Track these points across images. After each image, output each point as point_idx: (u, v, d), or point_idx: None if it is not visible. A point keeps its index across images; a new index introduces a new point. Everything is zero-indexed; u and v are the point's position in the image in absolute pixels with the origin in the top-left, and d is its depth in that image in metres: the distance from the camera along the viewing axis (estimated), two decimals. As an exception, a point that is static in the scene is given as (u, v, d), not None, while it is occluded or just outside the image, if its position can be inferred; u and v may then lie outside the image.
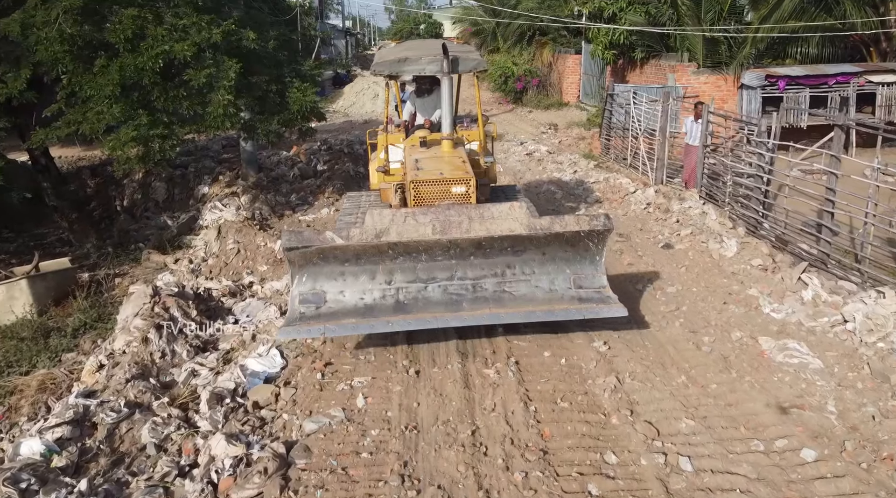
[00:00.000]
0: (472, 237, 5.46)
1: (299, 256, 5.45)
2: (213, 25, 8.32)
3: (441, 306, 5.56)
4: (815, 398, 5.04)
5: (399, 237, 5.41)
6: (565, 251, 5.71)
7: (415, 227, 5.42)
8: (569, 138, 18.22)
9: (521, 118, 23.20)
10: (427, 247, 5.52)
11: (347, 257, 5.54)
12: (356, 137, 19.88)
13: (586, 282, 5.75)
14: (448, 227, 5.43)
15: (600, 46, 17.29)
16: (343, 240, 5.41)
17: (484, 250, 5.61)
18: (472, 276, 5.68)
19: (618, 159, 14.42)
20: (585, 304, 5.63)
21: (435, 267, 5.65)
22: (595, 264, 5.80)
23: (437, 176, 6.25)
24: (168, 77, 8.39)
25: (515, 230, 5.49)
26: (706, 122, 10.58)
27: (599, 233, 5.63)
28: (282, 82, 9.46)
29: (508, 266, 5.72)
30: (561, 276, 5.75)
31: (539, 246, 5.66)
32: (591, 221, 5.62)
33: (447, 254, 5.60)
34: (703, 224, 9.36)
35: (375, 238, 5.40)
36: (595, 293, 5.72)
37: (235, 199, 10.79)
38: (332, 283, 5.62)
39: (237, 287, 7.70)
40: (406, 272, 5.66)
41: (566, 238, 5.62)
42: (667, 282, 7.56)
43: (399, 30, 57.43)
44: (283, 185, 12.92)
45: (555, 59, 25.68)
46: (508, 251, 5.65)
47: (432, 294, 5.63)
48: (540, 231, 5.52)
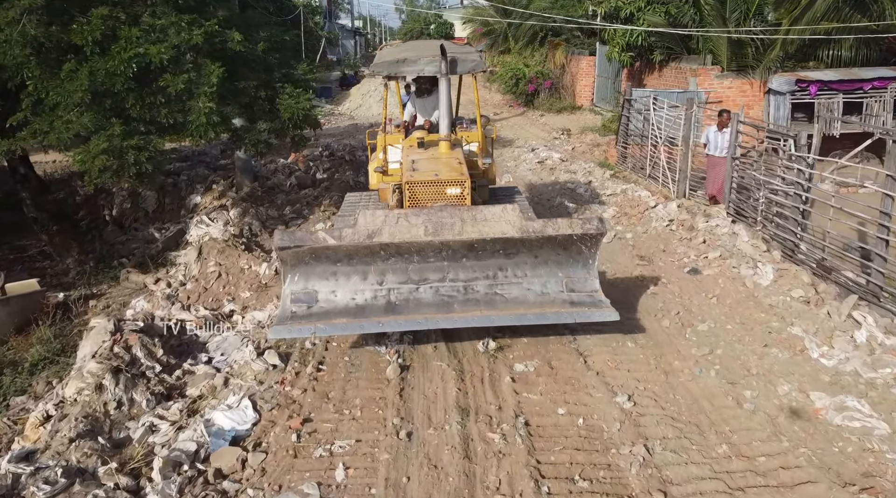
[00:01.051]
0: (465, 239, 5.45)
1: (291, 255, 5.44)
2: (194, 26, 7.54)
3: (432, 308, 5.54)
4: (888, 478, 4.17)
5: (391, 238, 5.40)
6: (558, 254, 5.68)
7: (407, 229, 5.41)
8: (583, 145, 17.34)
9: (533, 122, 22.34)
10: (419, 248, 5.52)
11: (339, 257, 5.53)
12: (360, 142, 19.11)
13: (578, 285, 5.70)
14: (440, 228, 5.42)
15: (617, 48, 16.38)
16: (335, 240, 5.39)
17: (476, 252, 5.59)
18: (463, 277, 5.66)
19: (636, 169, 13.54)
20: (577, 307, 5.59)
21: (427, 268, 5.64)
22: (588, 268, 5.75)
23: (433, 177, 6.23)
24: (145, 82, 7.62)
25: (508, 233, 5.46)
26: (734, 131, 9.70)
27: (592, 236, 5.58)
28: (272, 88, 8.67)
29: (500, 268, 5.69)
30: (553, 279, 5.71)
31: (531, 249, 5.63)
32: (584, 225, 5.58)
33: (439, 255, 5.59)
34: (734, 246, 8.48)
35: (367, 239, 5.37)
36: (587, 297, 5.67)
37: (224, 213, 10.02)
38: (323, 282, 5.60)
39: (215, 317, 6.92)
40: (398, 273, 5.64)
41: (559, 241, 5.58)
42: (696, 316, 6.70)
43: (409, 30, 56.74)
44: (278, 196, 12.15)
45: (568, 61, 24.79)
46: (500, 253, 5.63)
47: (424, 295, 5.61)
48: (532, 234, 5.49)
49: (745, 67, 14.09)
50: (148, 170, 7.51)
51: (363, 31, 61.82)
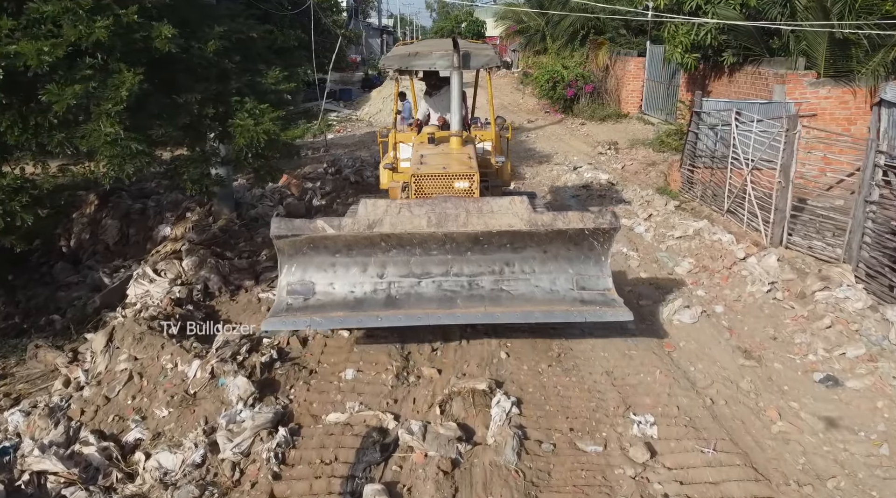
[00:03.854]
0: (470, 231, 5.30)
1: (288, 244, 5.28)
2: (98, 15, 5.15)
3: (434, 303, 5.34)
4: None
5: (392, 229, 5.25)
6: (568, 250, 5.46)
7: (409, 219, 5.25)
8: (634, 163, 14.62)
9: (572, 132, 19.63)
10: (421, 240, 5.35)
11: (339, 248, 5.37)
12: (374, 154, 16.67)
13: (590, 283, 5.47)
14: (444, 220, 5.26)
15: (679, 49, 13.61)
16: (334, 229, 5.25)
17: (481, 246, 5.42)
18: (468, 272, 5.46)
19: (706, 198, 10.85)
20: (588, 306, 5.36)
21: (429, 261, 5.45)
22: (600, 265, 5.51)
23: (440, 170, 6.10)
24: (29, 96, 5.27)
25: (515, 225, 5.29)
26: (871, 165, 6.98)
27: (605, 231, 5.35)
28: (224, 103, 6.24)
29: (507, 263, 5.49)
30: (563, 275, 5.49)
31: (540, 243, 5.44)
32: (596, 219, 5.33)
33: (443, 248, 5.41)
34: (885, 338, 5.80)
35: (368, 229, 5.24)
36: (599, 295, 5.43)
37: (175, 263, 7.62)
38: (322, 274, 5.42)
39: (103, 458, 4.50)
40: (399, 266, 5.46)
41: (569, 236, 5.38)
42: (861, 490, 4.07)
43: (440, 28, 54.52)
44: (259, 231, 9.77)
45: (612, 63, 22.01)
46: (507, 247, 5.45)
47: (426, 290, 5.42)
48: (541, 227, 5.31)
49: (846, 72, 11.26)
50: (29, 224, 5.16)
51: (391, 30, 59.57)
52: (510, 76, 36.21)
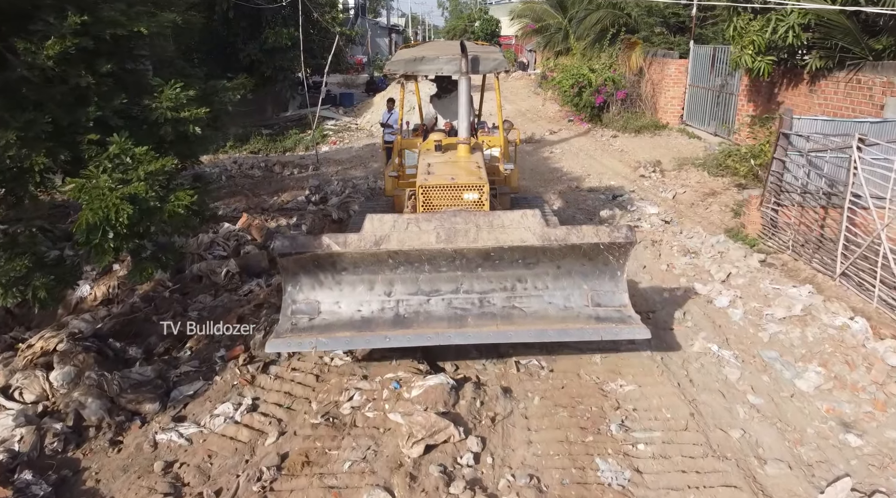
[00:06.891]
0: (480, 247, 5.09)
1: (293, 262, 5.11)
2: None
3: (444, 321, 5.13)
4: None
5: (400, 245, 5.06)
6: (582, 265, 5.25)
7: (417, 235, 5.07)
8: (687, 191, 11.83)
9: (603, 147, 16.84)
10: (430, 256, 5.16)
11: (345, 265, 5.18)
12: (371, 174, 14.01)
13: (605, 299, 5.24)
14: (454, 235, 5.07)
15: (750, 49, 10.82)
16: (340, 246, 5.04)
17: (493, 262, 5.21)
18: (479, 289, 5.28)
19: (799, 249, 8.12)
20: (603, 323, 5.12)
21: (439, 279, 5.26)
22: (615, 280, 5.27)
23: (449, 181, 5.91)
24: None
25: (527, 240, 5.08)
26: None
27: (621, 246, 5.12)
28: (72, 145, 3.61)
29: (519, 280, 5.29)
30: (577, 292, 5.27)
31: (553, 258, 5.22)
32: (611, 233, 5.11)
33: (452, 265, 5.22)
34: None
35: (374, 245, 5.05)
36: (615, 312, 5.19)
37: (36, 379, 4.98)
38: (327, 292, 5.23)
39: None
40: (407, 283, 5.27)
41: (584, 250, 5.16)
42: None
43: (452, 27, 51.91)
44: (198, 298, 7.14)
45: (647, 65, 19.21)
46: (519, 263, 5.23)
47: (435, 308, 5.22)
48: (555, 242, 5.09)
49: None
50: None
51: (399, 29, 56.94)
52: (527, 78, 33.46)
